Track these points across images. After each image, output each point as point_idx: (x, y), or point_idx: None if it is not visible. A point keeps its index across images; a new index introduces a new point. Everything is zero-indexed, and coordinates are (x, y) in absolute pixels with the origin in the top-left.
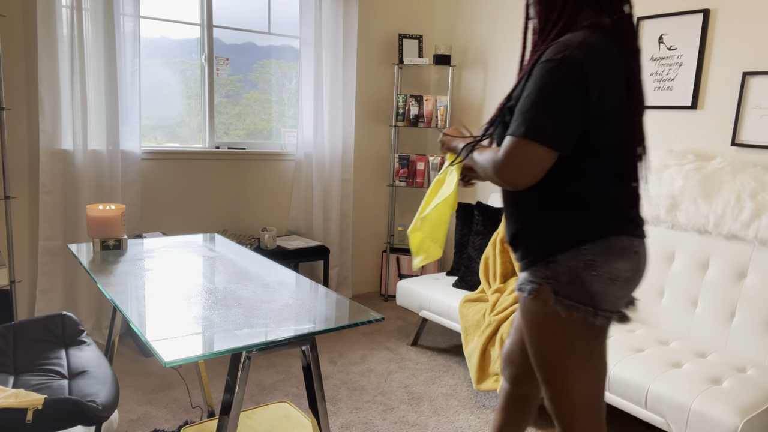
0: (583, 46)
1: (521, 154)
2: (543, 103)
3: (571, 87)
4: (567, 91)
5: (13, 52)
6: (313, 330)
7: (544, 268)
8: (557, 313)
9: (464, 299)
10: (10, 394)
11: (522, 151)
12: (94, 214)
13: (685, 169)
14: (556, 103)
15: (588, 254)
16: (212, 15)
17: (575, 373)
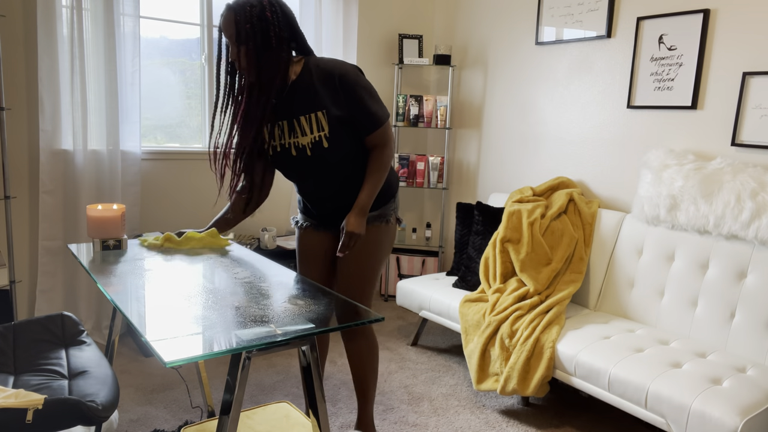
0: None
1: (391, 129)
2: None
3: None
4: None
5: (13, 52)
6: (313, 330)
7: (391, 204)
8: (394, 227)
9: (464, 299)
10: (10, 394)
11: (390, 127)
12: (94, 214)
13: (685, 169)
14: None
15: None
16: (212, 15)
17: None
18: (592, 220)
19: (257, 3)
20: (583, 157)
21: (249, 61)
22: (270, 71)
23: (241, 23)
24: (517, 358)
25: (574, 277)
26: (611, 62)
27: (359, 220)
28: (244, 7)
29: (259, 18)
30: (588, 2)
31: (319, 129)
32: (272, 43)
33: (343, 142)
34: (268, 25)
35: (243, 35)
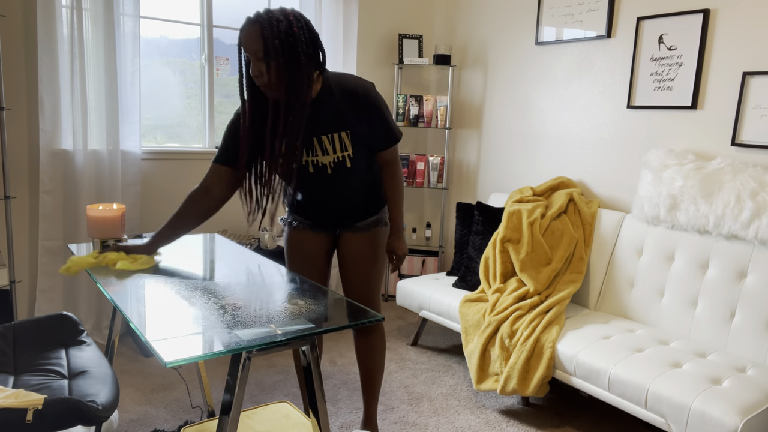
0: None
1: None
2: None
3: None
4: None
5: (13, 52)
6: (313, 330)
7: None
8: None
9: (464, 299)
10: (10, 394)
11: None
12: (94, 214)
13: (685, 169)
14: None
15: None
16: (212, 15)
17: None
18: (592, 220)
19: (283, 18)
20: (583, 157)
21: (279, 78)
22: (298, 89)
23: (268, 38)
24: (517, 358)
25: (574, 277)
26: (611, 62)
27: (402, 241)
28: (270, 22)
29: (287, 34)
30: (588, 2)
31: (343, 149)
32: (300, 60)
33: (363, 160)
34: (296, 41)
35: (271, 51)
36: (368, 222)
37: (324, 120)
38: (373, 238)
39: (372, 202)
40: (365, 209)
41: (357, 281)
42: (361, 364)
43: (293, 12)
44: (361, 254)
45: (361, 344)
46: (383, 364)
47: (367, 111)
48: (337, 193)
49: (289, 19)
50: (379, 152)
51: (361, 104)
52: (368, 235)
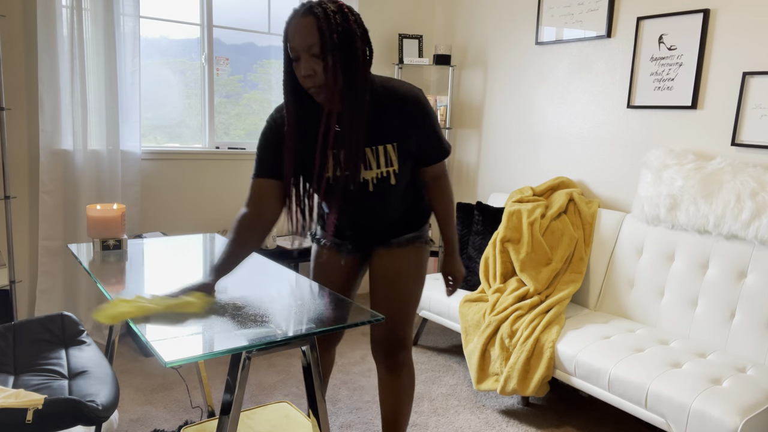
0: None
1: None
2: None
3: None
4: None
5: (13, 52)
6: (313, 330)
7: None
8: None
9: (464, 299)
10: (10, 394)
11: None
12: (94, 214)
13: (685, 169)
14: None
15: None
16: (212, 15)
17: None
18: (592, 220)
19: (338, 9)
20: (583, 157)
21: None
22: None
23: (326, 32)
24: (517, 358)
25: (574, 277)
26: (611, 62)
27: (459, 262)
28: (326, 13)
29: (344, 27)
30: (588, 2)
31: (388, 164)
32: (358, 59)
33: (407, 175)
34: (354, 36)
35: (329, 46)
36: (405, 238)
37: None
38: (409, 255)
39: (413, 218)
40: (404, 225)
41: (387, 303)
42: (385, 406)
43: (344, 3)
44: (396, 272)
45: (386, 383)
46: (410, 407)
47: (419, 121)
48: (377, 212)
49: (343, 10)
50: (429, 167)
51: (413, 113)
52: (404, 252)
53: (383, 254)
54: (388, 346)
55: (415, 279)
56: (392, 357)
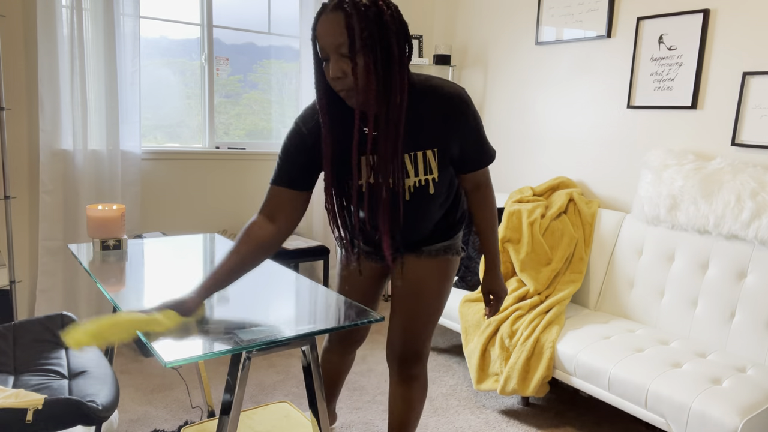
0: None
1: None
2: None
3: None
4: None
5: (13, 52)
6: (313, 330)
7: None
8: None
9: (464, 299)
10: (10, 394)
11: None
12: (94, 214)
13: (685, 169)
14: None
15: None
16: (212, 15)
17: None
18: (592, 220)
19: (371, 3)
20: (583, 157)
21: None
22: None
23: (355, 29)
24: (517, 358)
25: (574, 277)
26: (611, 62)
27: (501, 279)
28: (357, 8)
29: (377, 23)
30: (588, 2)
31: (427, 171)
32: (393, 57)
33: (446, 184)
34: (389, 32)
35: (359, 45)
36: (437, 248)
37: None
38: (437, 267)
39: (447, 226)
40: (437, 233)
41: (408, 315)
42: (393, 413)
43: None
44: (422, 282)
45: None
46: (419, 417)
47: (463, 124)
48: (413, 222)
49: (377, 4)
50: (470, 174)
51: (456, 116)
52: (435, 263)
53: (411, 262)
54: (403, 357)
55: (439, 293)
56: (406, 368)
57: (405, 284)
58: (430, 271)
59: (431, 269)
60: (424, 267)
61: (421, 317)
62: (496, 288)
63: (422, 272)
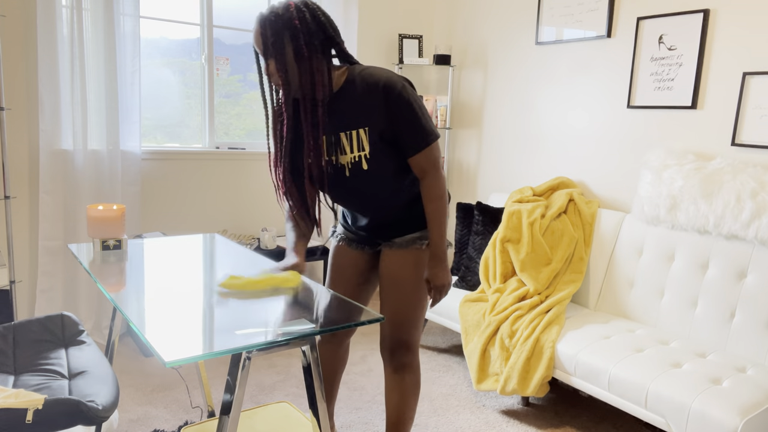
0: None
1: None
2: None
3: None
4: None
5: (13, 52)
6: (313, 330)
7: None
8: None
9: (464, 299)
10: (10, 394)
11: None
12: (94, 214)
13: (685, 169)
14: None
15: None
16: (212, 15)
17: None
18: (592, 220)
19: (284, 11)
20: (583, 157)
21: (280, 74)
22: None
23: (267, 35)
24: (517, 358)
25: (574, 277)
26: (611, 62)
27: (441, 269)
28: (269, 18)
29: (286, 27)
30: (588, 2)
31: (360, 148)
32: (303, 53)
33: (386, 164)
34: (297, 32)
35: (270, 48)
36: (407, 238)
37: (342, 115)
38: (408, 257)
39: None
40: (405, 223)
41: (390, 303)
42: (389, 405)
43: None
44: (396, 273)
45: (390, 382)
46: (414, 408)
47: (391, 106)
48: (360, 199)
49: (289, 11)
50: (412, 157)
51: (383, 98)
52: (404, 253)
53: (387, 254)
54: (392, 347)
55: (415, 282)
56: (396, 358)
57: (384, 276)
58: (404, 260)
59: (404, 259)
60: (398, 257)
61: (403, 307)
62: (434, 279)
63: (395, 263)
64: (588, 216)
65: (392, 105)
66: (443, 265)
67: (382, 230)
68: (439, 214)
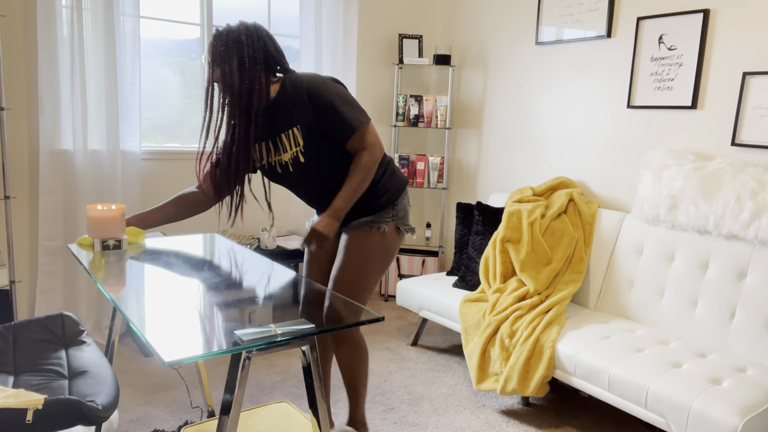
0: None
1: (374, 133)
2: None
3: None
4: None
5: (13, 52)
6: (313, 330)
7: (389, 211)
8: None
9: (464, 299)
10: (10, 394)
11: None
12: (94, 214)
13: (685, 169)
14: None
15: (405, 198)
16: (212, 15)
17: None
18: (592, 220)
19: (236, 29)
20: (583, 157)
21: (224, 82)
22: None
23: (216, 46)
24: (517, 358)
25: (574, 277)
26: (611, 62)
27: (328, 221)
28: (222, 33)
29: (234, 41)
30: (588, 2)
31: (296, 144)
32: (245, 64)
33: (322, 154)
34: (242, 47)
35: (218, 58)
36: (361, 221)
37: (279, 118)
38: (355, 239)
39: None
40: (356, 207)
41: (335, 281)
42: (341, 372)
43: (249, 25)
44: (344, 252)
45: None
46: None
47: (315, 102)
48: (307, 190)
49: (239, 29)
50: (346, 144)
51: (305, 97)
52: (356, 234)
53: (343, 236)
54: None
55: (361, 262)
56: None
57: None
58: (350, 241)
59: (349, 241)
60: (349, 239)
61: (342, 283)
62: (317, 224)
63: (346, 241)
64: (588, 216)
65: (315, 102)
66: (332, 220)
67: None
68: (356, 182)
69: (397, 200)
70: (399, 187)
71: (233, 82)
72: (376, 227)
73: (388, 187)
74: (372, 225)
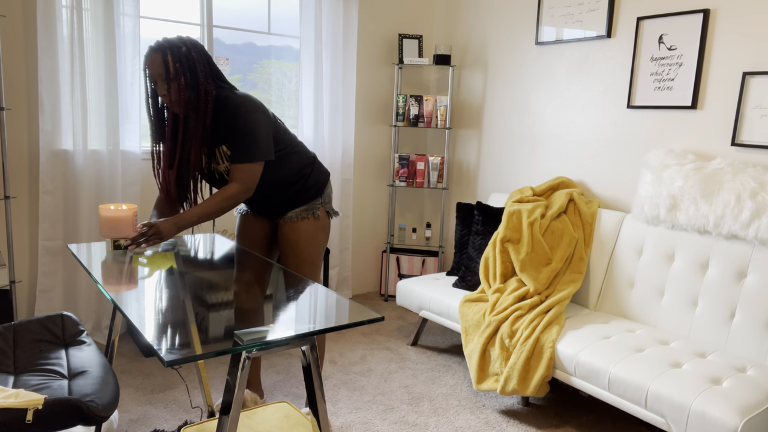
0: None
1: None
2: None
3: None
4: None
5: (13, 52)
6: (313, 330)
7: (317, 200)
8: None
9: (464, 299)
10: (10, 394)
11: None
12: (106, 214)
13: (685, 169)
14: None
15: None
16: (212, 15)
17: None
18: (592, 220)
19: (182, 44)
20: (583, 157)
21: (180, 95)
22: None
23: (169, 63)
24: (517, 358)
25: (574, 277)
26: (611, 62)
27: (167, 226)
28: (171, 48)
29: (187, 57)
30: (588, 2)
31: (226, 159)
32: (200, 79)
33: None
34: (195, 63)
35: (173, 73)
36: (296, 212)
37: (214, 132)
38: (303, 226)
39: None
40: (288, 202)
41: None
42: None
43: (189, 39)
44: (291, 240)
45: None
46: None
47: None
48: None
49: (187, 45)
50: (231, 164)
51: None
52: (297, 224)
53: (281, 226)
54: None
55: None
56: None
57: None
58: (295, 230)
59: (295, 228)
60: (290, 229)
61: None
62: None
63: (289, 233)
64: (588, 216)
65: (233, 121)
66: (173, 227)
67: (272, 210)
68: (213, 208)
69: (323, 190)
70: (323, 180)
71: (188, 96)
72: (311, 213)
73: (315, 181)
74: (307, 212)
